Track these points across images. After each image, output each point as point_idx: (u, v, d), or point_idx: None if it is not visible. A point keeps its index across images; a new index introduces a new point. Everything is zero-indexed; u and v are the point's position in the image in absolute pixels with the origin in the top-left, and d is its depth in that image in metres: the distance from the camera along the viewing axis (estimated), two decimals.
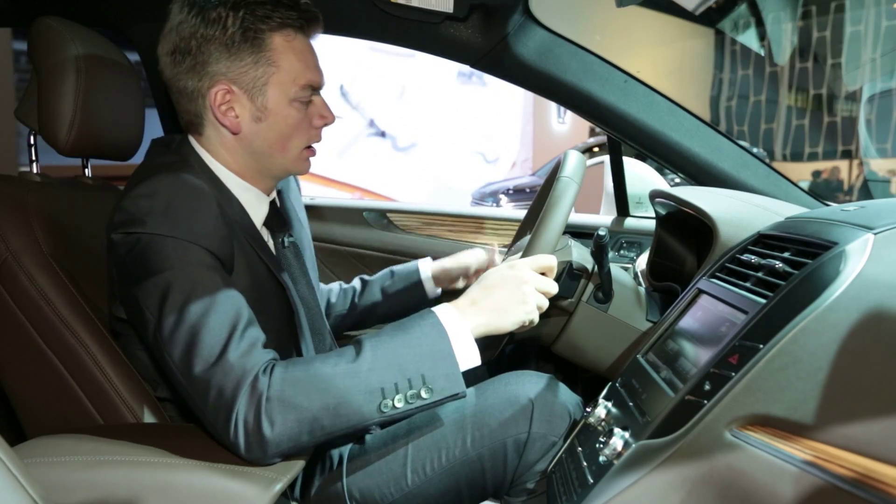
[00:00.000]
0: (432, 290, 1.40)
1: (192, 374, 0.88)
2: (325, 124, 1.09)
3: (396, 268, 1.44)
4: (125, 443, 0.90)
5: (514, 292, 0.96)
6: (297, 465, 0.87)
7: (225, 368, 0.86)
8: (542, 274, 1.01)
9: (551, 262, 1.01)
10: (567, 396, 1.09)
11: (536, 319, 0.99)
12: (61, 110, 1.13)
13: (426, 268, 1.41)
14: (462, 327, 0.92)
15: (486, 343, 1.11)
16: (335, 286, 1.45)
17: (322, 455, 1.11)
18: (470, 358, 0.92)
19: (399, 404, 0.87)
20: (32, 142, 1.25)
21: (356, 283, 1.46)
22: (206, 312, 0.89)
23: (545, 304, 1.00)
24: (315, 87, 1.06)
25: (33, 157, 1.26)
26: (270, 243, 1.13)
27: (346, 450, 1.12)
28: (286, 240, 1.15)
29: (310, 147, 1.10)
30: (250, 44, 0.99)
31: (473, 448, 1.05)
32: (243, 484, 0.81)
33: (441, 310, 0.94)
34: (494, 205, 7.54)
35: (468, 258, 1.41)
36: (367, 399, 0.86)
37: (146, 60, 1.65)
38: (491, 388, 1.11)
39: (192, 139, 1.08)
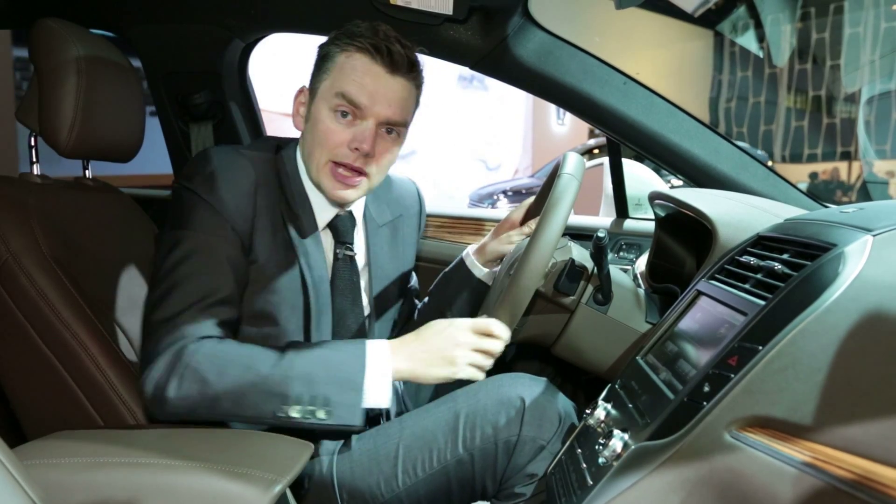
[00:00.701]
0: (473, 265, 1.38)
1: (149, 318, 1.02)
2: (358, 150, 1.10)
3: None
4: (125, 444, 0.90)
5: (445, 351, 1.03)
6: (298, 466, 0.87)
7: (171, 325, 0.98)
8: (489, 335, 1.05)
9: (495, 328, 1.05)
10: (560, 400, 1.09)
11: (475, 376, 1.04)
12: (62, 112, 1.13)
13: (469, 250, 1.41)
14: (384, 367, 1.00)
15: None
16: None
17: (312, 456, 1.12)
18: (380, 397, 0.99)
19: (294, 414, 0.95)
20: (33, 143, 1.25)
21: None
22: (191, 274, 1.02)
23: (485, 364, 1.05)
24: (350, 100, 1.08)
25: (34, 159, 1.26)
26: (330, 248, 1.19)
27: (336, 450, 1.12)
28: (342, 252, 1.19)
29: (339, 165, 1.11)
30: (325, 56, 1.12)
31: (464, 449, 1.06)
32: (243, 485, 0.81)
33: (374, 345, 1.02)
34: (490, 206, 7.53)
35: (505, 228, 1.40)
36: (266, 399, 0.95)
37: (146, 62, 1.65)
38: (484, 390, 1.10)
39: (300, 139, 1.19)
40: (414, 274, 1.43)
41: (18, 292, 1.05)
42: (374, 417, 1.29)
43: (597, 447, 0.85)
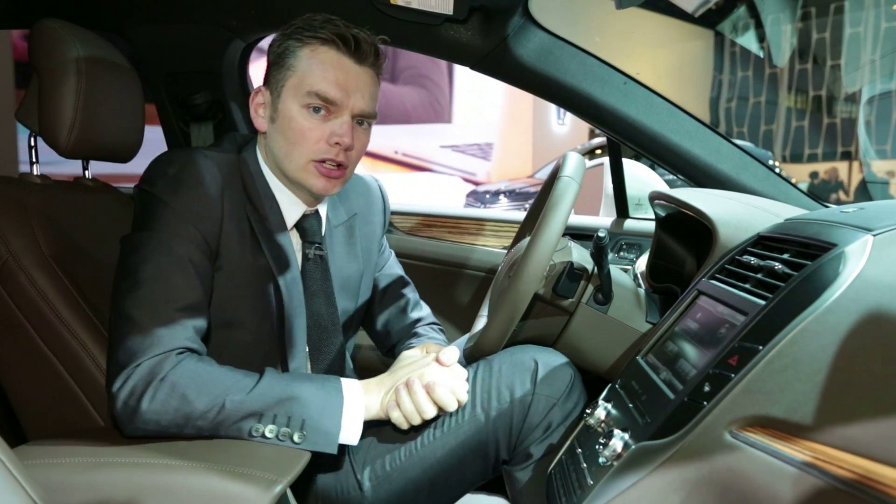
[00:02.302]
0: None
1: (118, 322, 0.96)
2: (339, 145, 1.09)
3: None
4: (125, 444, 0.90)
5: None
6: (298, 467, 0.87)
7: (144, 333, 0.94)
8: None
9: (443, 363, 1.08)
10: (568, 364, 1.13)
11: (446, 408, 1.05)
12: (62, 112, 1.13)
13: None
14: (358, 405, 1.00)
15: (485, 346, 1.11)
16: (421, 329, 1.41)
17: None
18: (351, 434, 0.98)
19: (268, 434, 0.93)
20: (33, 143, 1.25)
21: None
22: (155, 276, 0.97)
23: (448, 404, 1.04)
24: (325, 97, 1.06)
25: (34, 159, 1.26)
26: (299, 248, 1.17)
27: None
28: (311, 252, 1.17)
29: (322, 163, 1.09)
30: (283, 52, 1.08)
31: (482, 410, 1.09)
32: (243, 486, 0.81)
33: (349, 383, 1.02)
34: (484, 206, 7.53)
35: None
36: (244, 418, 0.93)
37: (146, 62, 1.65)
38: (497, 357, 1.14)
39: (257, 139, 1.17)
40: (390, 262, 1.40)
41: (18, 292, 1.05)
42: None
43: (597, 447, 0.85)
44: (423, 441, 1.09)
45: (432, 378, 1.05)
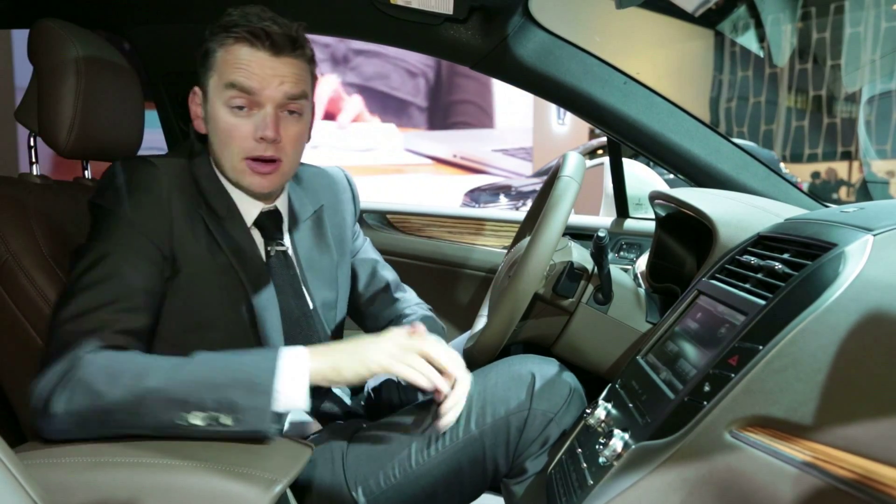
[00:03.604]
0: None
1: (51, 325, 0.94)
2: (265, 139, 1.06)
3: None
4: (125, 444, 0.90)
5: (381, 342, 0.97)
6: (298, 466, 0.87)
7: (69, 334, 0.92)
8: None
9: (433, 347, 0.98)
10: (568, 376, 1.10)
11: (412, 376, 0.96)
12: (61, 112, 1.13)
13: None
14: (300, 367, 0.92)
15: (485, 346, 1.11)
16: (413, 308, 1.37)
17: (323, 445, 1.12)
18: (294, 400, 0.91)
19: (196, 422, 0.87)
20: (32, 143, 1.25)
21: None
22: (95, 282, 0.96)
23: (426, 370, 0.96)
24: (242, 89, 1.04)
25: (33, 159, 1.26)
26: (261, 246, 1.15)
27: (348, 434, 1.12)
28: (273, 248, 1.16)
29: (255, 161, 1.08)
30: (204, 54, 1.08)
31: (477, 426, 1.06)
32: (243, 485, 0.81)
33: (293, 349, 0.94)
34: (479, 205, 7.52)
35: None
36: (165, 407, 0.87)
37: (146, 63, 1.65)
38: (494, 370, 1.12)
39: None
40: (364, 247, 1.39)
41: (18, 292, 1.05)
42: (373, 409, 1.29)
43: (597, 447, 0.85)
44: (418, 458, 1.07)
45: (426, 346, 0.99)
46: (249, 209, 1.14)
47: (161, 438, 0.89)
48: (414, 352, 0.97)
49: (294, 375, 0.91)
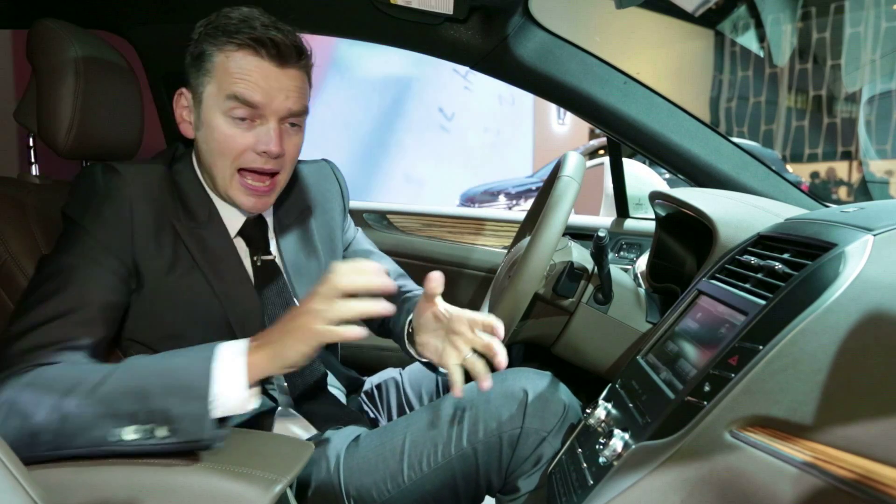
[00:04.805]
0: (411, 347, 1.19)
1: (2, 334, 0.90)
2: (267, 153, 1.04)
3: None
4: None
5: (297, 322, 0.86)
6: (298, 466, 0.87)
7: (12, 348, 0.88)
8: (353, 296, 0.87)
9: (338, 277, 0.86)
10: (563, 392, 1.09)
11: (348, 333, 0.85)
12: (60, 112, 1.13)
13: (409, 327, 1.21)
14: (237, 365, 0.85)
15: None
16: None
17: (319, 452, 1.11)
18: (235, 402, 0.84)
19: (130, 437, 0.80)
20: (31, 144, 1.25)
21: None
22: (46, 296, 0.92)
23: (358, 306, 0.85)
24: (245, 100, 1.01)
25: (32, 160, 1.26)
26: (247, 256, 1.13)
27: (342, 448, 1.12)
28: (259, 258, 1.13)
29: (248, 172, 1.06)
30: (200, 54, 1.04)
31: (469, 443, 1.05)
32: (243, 485, 0.81)
33: (227, 345, 0.87)
34: (476, 206, 7.53)
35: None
36: (94, 423, 0.80)
37: (146, 62, 1.65)
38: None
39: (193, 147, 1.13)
40: (356, 238, 1.36)
41: (18, 293, 1.05)
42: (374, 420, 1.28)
43: (597, 447, 0.85)
44: (411, 473, 1.05)
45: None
46: (232, 218, 1.11)
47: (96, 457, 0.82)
48: (333, 296, 0.85)
49: (232, 374, 0.84)
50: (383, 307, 0.86)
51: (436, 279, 1.01)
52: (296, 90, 1.05)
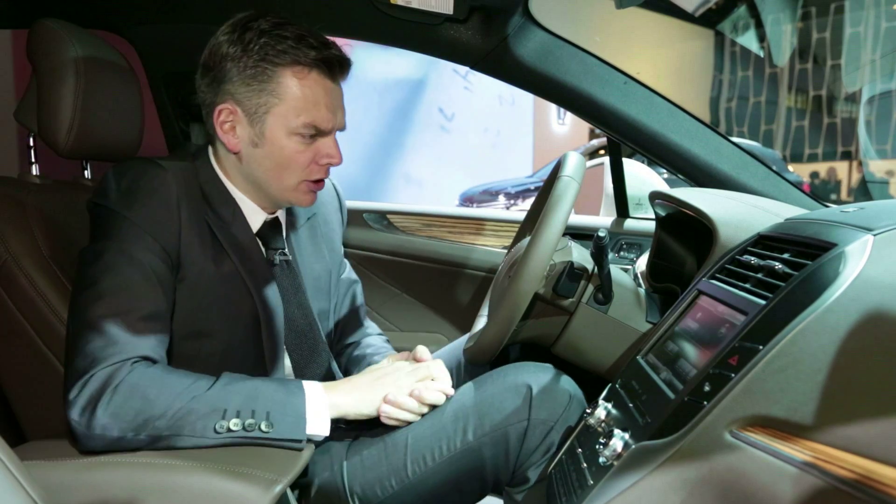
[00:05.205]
0: None
1: (78, 330, 0.93)
2: (331, 164, 1.09)
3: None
4: None
5: (384, 387, 1.07)
6: (298, 466, 0.87)
7: (105, 340, 0.91)
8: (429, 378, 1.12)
9: (435, 371, 1.12)
10: (566, 382, 1.10)
11: (414, 409, 1.08)
12: (60, 112, 1.13)
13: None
14: (320, 399, 0.99)
15: (485, 345, 1.11)
16: (375, 339, 1.41)
17: (321, 450, 1.12)
18: (319, 426, 0.97)
19: (235, 427, 0.90)
20: (32, 144, 1.25)
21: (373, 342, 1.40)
22: (116, 286, 0.95)
23: (429, 396, 1.09)
24: (319, 128, 1.05)
25: (32, 160, 1.26)
26: (264, 253, 1.15)
27: (345, 444, 1.12)
28: (277, 257, 1.15)
29: (316, 181, 1.10)
30: (261, 72, 1.02)
31: (474, 437, 1.06)
32: (243, 485, 0.81)
33: (310, 383, 1.01)
34: (475, 206, 7.52)
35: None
36: (207, 414, 0.90)
37: (146, 63, 1.65)
38: (490, 380, 1.11)
39: (210, 148, 1.13)
40: (347, 268, 1.39)
41: (18, 293, 1.05)
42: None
43: (597, 447, 0.85)
44: (415, 469, 1.07)
45: (417, 387, 1.08)
46: (253, 217, 1.13)
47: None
48: (422, 378, 1.11)
49: (318, 403, 0.98)
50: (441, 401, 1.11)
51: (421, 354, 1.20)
52: (343, 103, 1.09)
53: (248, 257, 1.09)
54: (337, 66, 1.05)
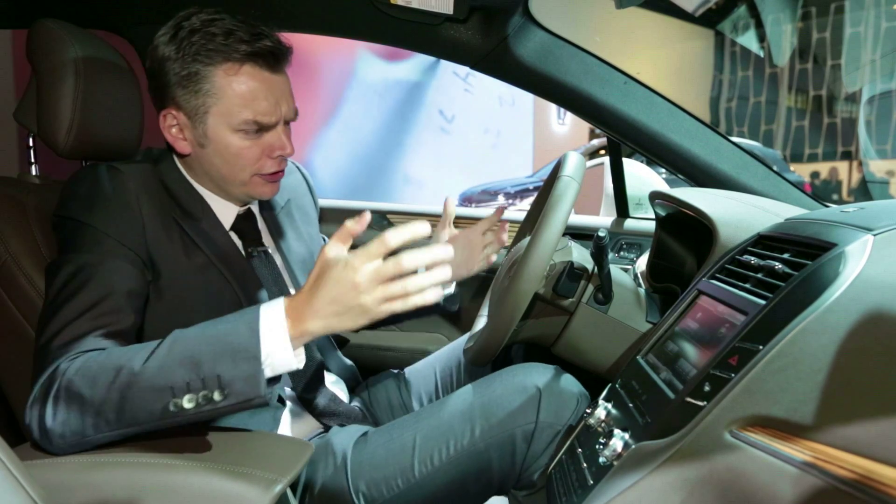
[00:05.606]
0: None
1: (36, 342, 0.91)
2: (282, 156, 1.08)
3: None
4: (125, 444, 0.90)
5: (350, 300, 0.82)
6: (298, 466, 0.87)
7: (51, 347, 0.88)
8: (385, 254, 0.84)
9: (388, 238, 0.83)
10: (574, 385, 1.10)
11: (397, 308, 0.82)
12: (60, 112, 1.13)
13: None
14: (281, 329, 0.83)
15: (485, 346, 1.11)
16: None
17: (325, 449, 1.11)
18: (284, 361, 0.84)
19: (188, 405, 0.81)
20: (31, 144, 1.25)
21: None
22: (74, 293, 0.92)
23: (402, 292, 0.82)
24: (261, 123, 1.04)
25: (32, 160, 1.26)
26: (240, 248, 1.15)
27: (349, 445, 1.12)
28: (254, 249, 1.16)
29: (271, 173, 1.09)
30: (195, 74, 1.02)
31: (482, 439, 1.05)
32: (243, 485, 0.81)
33: (268, 308, 0.85)
34: (475, 206, 7.52)
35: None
36: (154, 396, 0.81)
37: (145, 63, 1.65)
38: (498, 379, 1.11)
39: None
40: None
41: (18, 293, 1.05)
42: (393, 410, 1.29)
43: (597, 447, 0.85)
44: (421, 469, 1.06)
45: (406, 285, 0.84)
46: (225, 213, 1.13)
47: (159, 434, 0.87)
48: (378, 255, 0.82)
49: (279, 334, 0.83)
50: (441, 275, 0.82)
51: (452, 203, 1.29)
52: (289, 91, 1.07)
53: (221, 250, 1.09)
54: (271, 57, 1.02)
